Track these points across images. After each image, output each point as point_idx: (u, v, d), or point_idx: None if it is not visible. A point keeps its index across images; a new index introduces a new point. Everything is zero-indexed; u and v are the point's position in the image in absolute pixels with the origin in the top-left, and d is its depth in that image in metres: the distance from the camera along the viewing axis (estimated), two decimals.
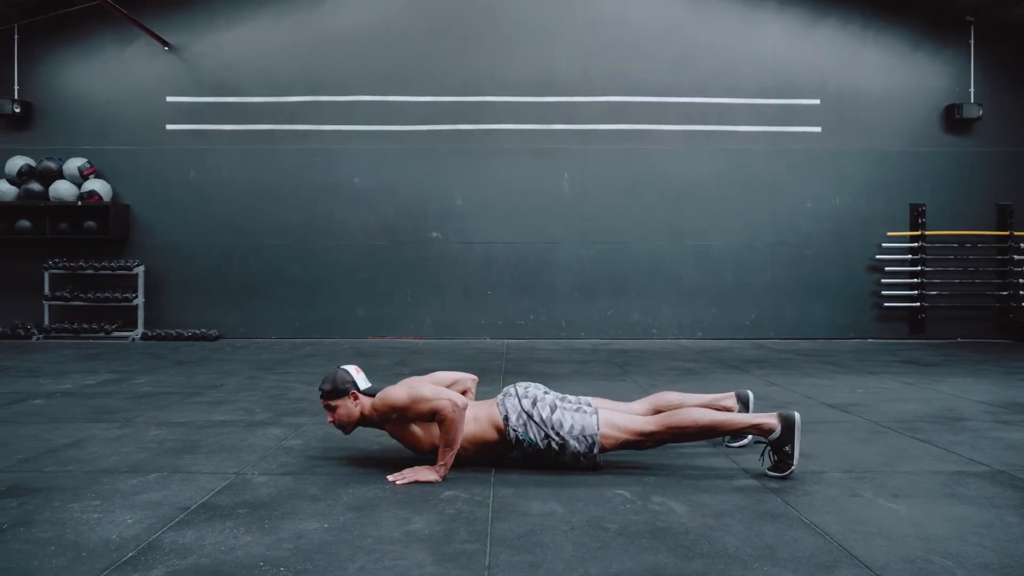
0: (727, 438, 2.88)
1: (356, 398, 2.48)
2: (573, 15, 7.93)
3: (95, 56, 7.86)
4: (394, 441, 2.97)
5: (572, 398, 2.57)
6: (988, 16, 7.80)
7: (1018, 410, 3.66)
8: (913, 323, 7.88)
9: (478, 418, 2.50)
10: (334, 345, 7.18)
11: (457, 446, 2.37)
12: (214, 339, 7.53)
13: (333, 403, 2.49)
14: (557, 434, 2.42)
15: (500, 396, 2.57)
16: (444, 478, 2.37)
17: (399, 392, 2.41)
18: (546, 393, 2.54)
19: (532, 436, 2.44)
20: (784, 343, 7.49)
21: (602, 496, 2.21)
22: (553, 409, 2.47)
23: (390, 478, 2.38)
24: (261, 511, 2.06)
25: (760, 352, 6.58)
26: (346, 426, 2.52)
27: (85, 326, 7.48)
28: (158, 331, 7.53)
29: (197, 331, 7.52)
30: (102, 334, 7.47)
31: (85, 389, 4.29)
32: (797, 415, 2.40)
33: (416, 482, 2.34)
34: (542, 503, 2.14)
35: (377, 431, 3.15)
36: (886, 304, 7.86)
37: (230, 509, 2.08)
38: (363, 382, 2.53)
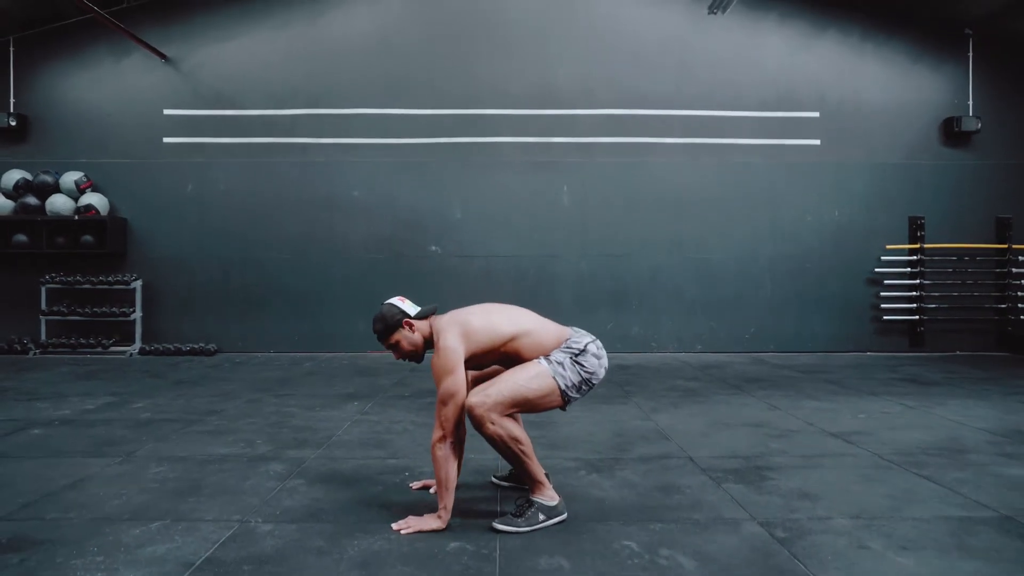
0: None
1: (410, 326, 2.47)
2: (574, 27, 7.91)
3: (92, 69, 7.81)
4: (398, 480, 2.96)
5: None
6: (986, 29, 7.81)
7: (1020, 440, 3.66)
8: (912, 336, 7.88)
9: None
10: (333, 360, 7.15)
11: (450, 486, 2.34)
12: (212, 354, 7.50)
13: (391, 340, 2.50)
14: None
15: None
16: (448, 524, 2.36)
17: (440, 367, 2.34)
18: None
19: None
20: (784, 357, 7.49)
21: (609, 548, 2.20)
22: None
23: (394, 527, 2.36)
24: (266, 567, 2.04)
25: (761, 368, 6.58)
26: (415, 355, 2.52)
27: (82, 341, 7.44)
28: (156, 346, 7.49)
29: (195, 346, 7.49)
30: (99, 349, 7.43)
31: (84, 415, 4.26)
32: (563, 517, 2.40)
33: (420, 531, 2.33)
34: (549, 557, 2.13)
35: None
36: (885, 317, 7.86)
37: (235, 565, 2.06)
38: (411, 308, 2.52)
